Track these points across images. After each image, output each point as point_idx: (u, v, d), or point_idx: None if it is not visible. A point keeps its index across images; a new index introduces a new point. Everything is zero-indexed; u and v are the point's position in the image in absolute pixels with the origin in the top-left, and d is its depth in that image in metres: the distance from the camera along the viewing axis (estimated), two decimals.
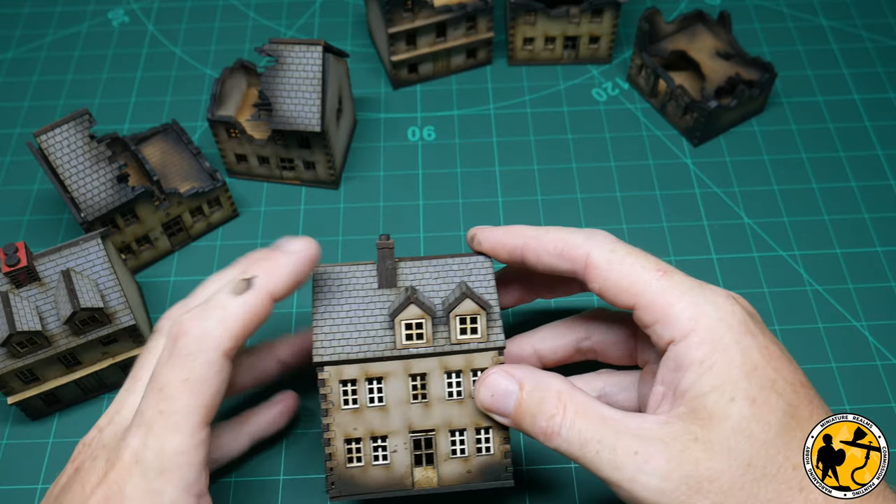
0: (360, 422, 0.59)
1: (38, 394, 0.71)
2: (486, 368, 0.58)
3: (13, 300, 0.66)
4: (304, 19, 1.07)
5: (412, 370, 0.59)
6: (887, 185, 0.89)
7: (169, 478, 0.51)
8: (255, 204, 0.89)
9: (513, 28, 0.97)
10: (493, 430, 0.59)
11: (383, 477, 0.59)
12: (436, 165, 0.91)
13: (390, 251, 0.60)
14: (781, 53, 1.01)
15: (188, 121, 0.96)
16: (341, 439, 0.59)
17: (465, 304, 0.58)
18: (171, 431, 0.52)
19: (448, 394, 0.59)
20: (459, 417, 0.59)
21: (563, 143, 0.93)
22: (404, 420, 0.59)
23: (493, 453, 0.59)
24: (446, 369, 0.59)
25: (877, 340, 0.77)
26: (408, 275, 0.62)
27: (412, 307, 0.58)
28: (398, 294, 0.61)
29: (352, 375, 0.59)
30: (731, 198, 0.88)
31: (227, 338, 0.54)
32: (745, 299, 0.58)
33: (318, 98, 0.80)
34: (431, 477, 0.60)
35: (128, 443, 0.52)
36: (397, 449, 0.59)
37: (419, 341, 0.59)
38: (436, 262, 0.63)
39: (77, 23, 1.07)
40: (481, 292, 0.61)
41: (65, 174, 0.75)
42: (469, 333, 0.59)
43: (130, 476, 0.51)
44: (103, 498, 0.51)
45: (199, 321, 0.54)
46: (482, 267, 0.63)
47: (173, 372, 0.53)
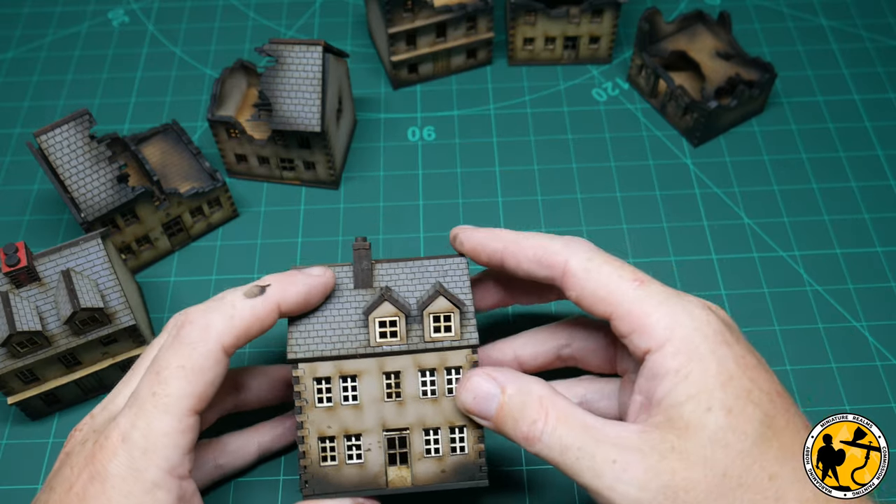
0: (334, 420, 0.59)
1: (38, 394, 0.71)
2: (462, 367, 0.59)
3: (13, 300, 0.66)
4: (304, 19, 1.07)
5: (386, 368, 0.59)
6: (887, 185, 0.89)
7: (152, 458, 0.53)
8: (255, 204, 0.89)
9: (513, 28, 0.97)
10: (467, 430, 0.59)
11: (357, 476, 0.59)
12: (436, 165, 0.91)
13: (367, 252, 0.61)
14: (781, 53, 1.01)
15: (188, 121, 0.96)
16: (315, 437, 0.59)
17: (439, 303, 0.58)
18: (160, 413, 0.53)
19: (422, 392, 0.59)
20: (433, 416, 0.59)
21: (563, 143, 0.93)
22: (378, 418, 0.59)
23: (468, 453, 0.59)
24: (420, 367, 0.59)
25: (877, 340, 0.77)
26: (384, 276, 0.63)
27: (386, 305, 0.58)
28: (373, 294, 0.61)
29: (326, 373, 0.59)
30: (731, 198, 0.88)
31: (229, 334, 0.56)
32: (722, 309, 0.58)
33: (318, 98, 0.80)
34: (405, 476, 0.60)
35: (117, 423, 0.54)
36: (371, 447, 0.59)
37: (393, 339, 0.59)
38: (412, 263, 0.63)
39: (77, 23, 1.07)
40: (456, 292, 0.61)
41: (65, 174, 0.75)
42: (443, 332, 0.59)
43: (115, 455, 0.52)
44: (88, 477, 0.52)
45: (205, 314, 0.57)
46: (457, 268, 0.63)
47: (172, 357, 0.55)
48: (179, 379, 0.54)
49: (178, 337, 0.56)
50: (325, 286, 0.60)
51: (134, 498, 0.52)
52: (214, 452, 0.66)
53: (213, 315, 0.56)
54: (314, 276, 0.60)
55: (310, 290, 0.59)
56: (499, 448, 0.71)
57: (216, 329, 0.56)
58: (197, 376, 0.55)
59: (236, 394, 0.66)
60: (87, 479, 0.53)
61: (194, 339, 0.55)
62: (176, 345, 0.56)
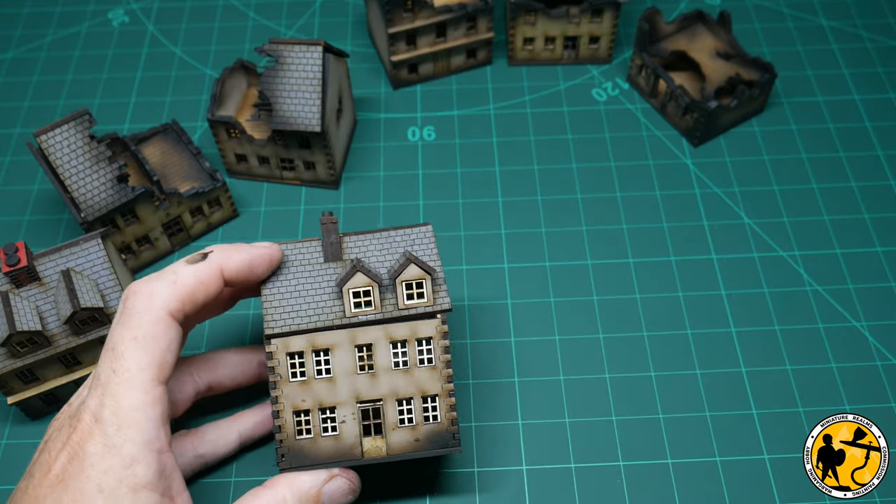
0: (308, 393, 0.60)
1: (38, 394, 0.71)
2: (433, 338, 0.60)
3: (13, 300, 0.66)
4: (304, 19, 1.07)
5: (358, 341, 0.60)
6: (887, 185, 0.89)
7: (127, 433, 0.53)
8: (255, 204, 0.89)
9: (513, 28, 0.97)
10: (439, 399, 0.61)
11: (333, 448, 0.60)
12: (436, 165, 0.91)
13: (334, 226, 0.62)
14: (781, 53, 1.01)
15: (188, 121, 0.96)
16: (290, 411, 0.60)
17: (410, 270, 0.60)
18: (125, 388, 0.54)
19: (394, 364, 0.60)
20: (406, 387, 0.60)
21: (563, 143, 0.93)
22: (352, 390, 0.60)
23: (441, 421, 0.61)
24: (392, 339, 0.60)
25: (877, 340, 0.77)
26: (353, 248, 0.63)
27: (359, 275, 0.59)
28: (344, 266, 0.62)
29: (299, 348, 0.60)
30: (731, 198, 0.88)
31: (173, 298, 0.57)
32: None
33: (318, 98, 0.80)
34: (380, 446, 0.61)
35: (87, 405, 0.54)
36: (346, 419, 0.60)
37: (368, 308, 0.60)
38: (379, 234, 0.64)
39: (77, 23, 1.07)
40: (425, 259, 0.62)
41: (65, 174, 0.75)
42: (416, 298, 0.60)
43: (91, 435, 0.53)
44: (67, 459, 0.53)
45: (148, 283, 0.58)
46: (424, 236, 0.64)
47: (124, 330, 0.56)
48: (135, 350, 0.55)
49: (124, 310, 0.57)
50: (271, 258, 0.61)
51: (113, 473, 0.52)
52: (194, 442, 0.67)
53: (155, 283, 0.57)
54: (259, 247, 0.61)
55: (252, 258, 0.60)
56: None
57: (160, 296, 0.57)
58: (151, 344, 0.55)
59: (209, 372, 0.67)
60: (66, 460, 0.53)
61: (140, 309, 0.56)
62: (124, 318, 0.56)
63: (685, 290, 0.81)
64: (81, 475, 0.52)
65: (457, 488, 0.69)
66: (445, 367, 0.61)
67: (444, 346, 0.61)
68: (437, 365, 0.61)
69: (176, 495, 0.56)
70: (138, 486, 0.53)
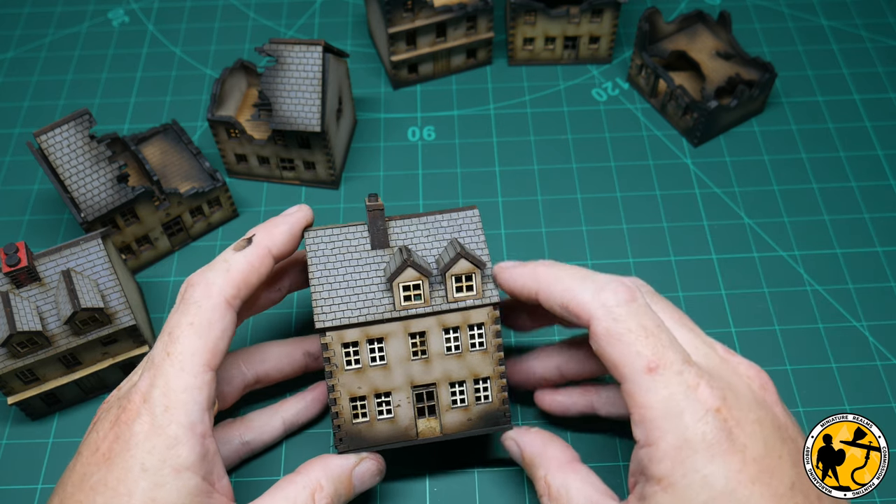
0: (363, 381, 0.61)
1: (38, 394, 0.71)
2: (485, 323, 0.61)
3: (13, 300, 0.66)
4: (304, 19, 1.07)
5: (411, 329, 0.61)
6: (887, 185, 0.89)
7: (174, 414, 0.54)
8: (255, 204, 0.89)
9: (513, 28, 0.97)
10: (490, 380, 0.62)
11: (388, 430, 0.62)
12: (436, 165, 0.91)
13: (381, 212, 0.62)
14: (781, 53, 1.01)
15: (188, 121, 0.96)
16: (346, 398, 0.62)
17: (461, 264, 0.60)
18: (177, 370, 0.56)
19: (447, 349, 0.62)
20: (458, 370, 0.62)
21: (563, 143, 0.93)
22: (406, 376, 0.62)
23: (492, 401, 0.62)
24: (444, 326, 0.61)
25: (877, 340, 0.77)
26: (399, 234, 0.64)
27: (409, 270, 0.60)
28: (392, 254, 0.63)
29: (353, 338, 0.61)
30: (731, 198, 0.88)
31: (229, 286, 0.59)
32: (761, 372, 0.59)
33: (318, 98, 0.80)
34: (434, 427, 0.63)
35: (138, 386, 0.56)
36: (401, 403, 0.62)
37: (417, 301, 0.61)
38: (425, 219, 0.65)
39: (77, 23, 1.07)
40: (472, 248, 0.63)
41: (65, 174, 0.75)
42: (465, 291, 0.61)
43: (139, 415, 0.54)
44: (114, 437, 0.54)
45: (203, 274, 0.60)
46: (471, 221, 0.64)
47: (181, 317, 0.58)
48: (190, 336, 0.57)
49: (183, 300, 0.59)
50: (306, 219, 0.65)
51: (157, 453, 0.53)
52: (240, 430, 0.68)
53: (210, 273, 0.60)
54: (292, 214, 0.64)
55: (292, 227, 0.64)
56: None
57: (217, 285, 0.59)
58: (206, 331, 0.57)
59: (256, 365, 0.69)
60: (113, 439, 0.54)
61: (198, 298, 0.58)
62: (182, 307, 0.58)
63: (685, 289, 0.81)
64: (126, 454, 0.53)
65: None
66: (497, 351, 0.62)
67: (496, 330, 0.62)
68: (488, 349, 0.62)
69: (216, 480, 0.57)
70: (181, 467, 0.54)
